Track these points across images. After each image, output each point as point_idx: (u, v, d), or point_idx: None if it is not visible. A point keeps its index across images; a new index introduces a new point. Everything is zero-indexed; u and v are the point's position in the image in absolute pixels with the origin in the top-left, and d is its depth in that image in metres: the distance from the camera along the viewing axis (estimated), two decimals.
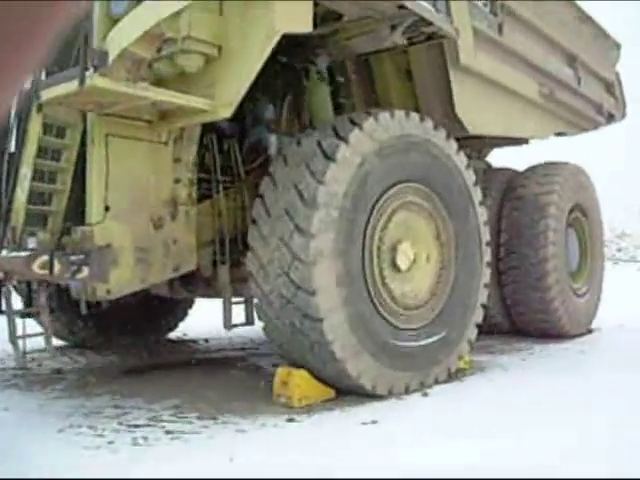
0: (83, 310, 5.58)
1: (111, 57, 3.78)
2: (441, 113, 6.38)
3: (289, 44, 5.84)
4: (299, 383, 4.73)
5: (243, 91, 4.38)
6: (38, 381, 5.84)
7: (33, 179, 4.50)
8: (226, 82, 4.43)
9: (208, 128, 5.59)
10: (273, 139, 6.04)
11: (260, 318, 4.96)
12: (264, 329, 5.00)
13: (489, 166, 9.10)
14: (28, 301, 5.05)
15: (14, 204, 4.47)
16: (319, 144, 4.76)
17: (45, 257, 4.28)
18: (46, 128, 4.46)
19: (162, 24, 3.81)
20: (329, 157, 4.64)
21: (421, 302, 5.40)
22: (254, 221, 4.87)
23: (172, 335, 8.66)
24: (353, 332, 4.67)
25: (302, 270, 4.50)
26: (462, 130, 6.40)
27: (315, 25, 5.41)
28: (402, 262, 5.22)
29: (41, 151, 4.47)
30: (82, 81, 3.81)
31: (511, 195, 8.03)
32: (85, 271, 4.35)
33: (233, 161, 5.78)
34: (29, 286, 5.12)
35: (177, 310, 8.35)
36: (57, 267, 4.29)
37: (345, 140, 4.72)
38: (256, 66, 4.31)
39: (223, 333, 7.49)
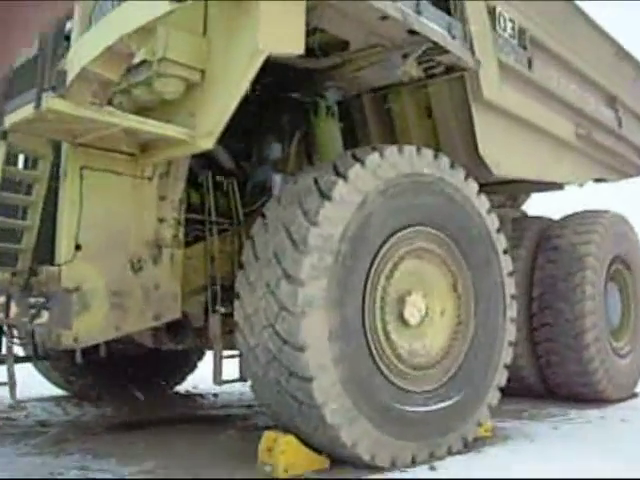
0: (78, 359, 5.16)
1: (70, 77, 3.37)
2: (464, 153, 5.85)
3: (296, 77, 5.44)
4: (285, 450, 4.13)
5: (225, 119, 3.93)
6: (15, 434, 5.37)
7: None
8: (207, 110, 4.00)
9: (203, 164, 5.17)
10: (278, 179, 5.56)
11: (246, 374, 4.42)
12: (251, 387, 4.45)
13: (524, 215, 8.48)
14: None
15: None
16: (315, 181, 4.27)
17: (1, 298, 3.85)
18: (11, 158, 4.07)
19: (131, 42, 3.39)
20: (324, 195, 4.14)
21: (433, 361, 4.79)
22: (242, 266, 4.39)
23: (180, 388, 8.15)
24: (348, 394, 4.08)
25: (289, 321, 3.96)
26: (487, 172, 5.85)
27: (321, 56, 5.00)
28: (411, 316, 4.63)
29: (5, 183, 4.08)
30: (38, 104, 3.41)
31: (546, 245, 7.38)
32: (45, 316, 3.90)
33: (232, 202, 5.33)
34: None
35: (185, 361, 7.85)
36: (14, 310, 3.85)
37: (344, 177, 4.21)
38: (238, 91, 3.86)
39: (236, 387, 6.98)
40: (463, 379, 4.89)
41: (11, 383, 4.31)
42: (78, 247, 4.16)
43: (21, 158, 4.47)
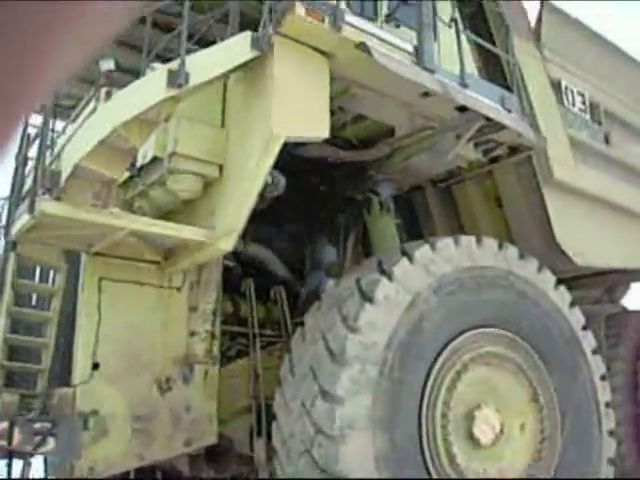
0: None
1: (64, 177, 3.05)
2: (541, 243, 5.18)
3: (347, 174, 5.04)
4: None
5: (244, 216, 3.51)
6: None
7: (11, 330, 3.78)
8: (226, 207, 3.60)
9: (245, 272, 4.77)
10: (332, 285, 5.06)
11: None
12: None
13: (624, 309, 7.55)
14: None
15: None
16: (357, 282, 3.74)
17: (4, 424, 3.44)
18: (22, 270, 3.77)
19: (128, 135, 3.06)
20: (366, 297, 3.59)
21: None
22: (280, 383, 3.84)
23: None
24: None
25: (327, 447, 3.34)
26: (569, 263, 5.14)
27: (368, 147, 4.59)
28: (482, 434, 3.91)
29: (18, 297, 3.76)
30: (31, 209, 3.09)
31: None
32: (51, 443, 3.44)
33: (280, 311, 4.84)
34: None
35: None
36: (17, 437, 3.42)
37: (388, 275, 3.67)
38: (255, 183, 3.45)
39: None
40: None
41: None
42: (96, 366, 3.75)
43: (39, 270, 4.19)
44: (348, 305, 3.62)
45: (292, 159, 4.95)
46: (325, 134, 3.59)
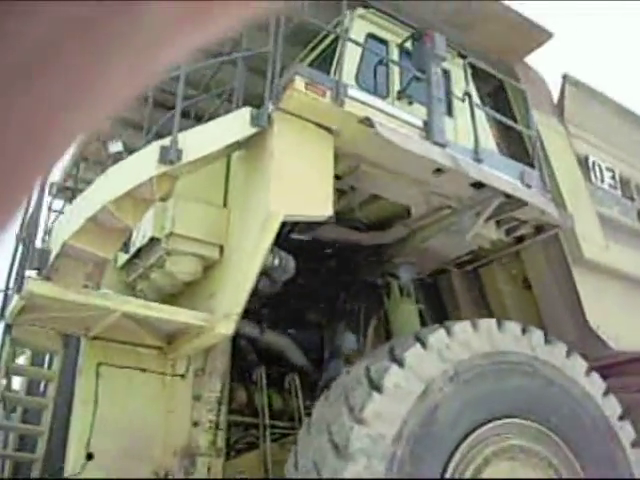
0: None
1: (52, 255, 2.94)
2: (573, 327, 4.87)
3: (366, 259, 4.87)
4: None
5: (242, 299, 3.34)
6: None
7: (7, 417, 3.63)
8: (224, 290, 3.44)
9: (261, 360, 4.58)
10: None
11: None
12: None
13: None
14: None
15: None
16: (367, 369, 3.50)
17: None
18: (16, 354, 3.64)
19: (119, 214, 2.95)
20: (374, 385, 3.34)
21: None
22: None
23: None
24: None
25: None
26: (604, 348, 4.80)
27: (384, 229, 4.43)
28: None
29: (9, 381, 3.62)
30: (19, 288, 2.98)
31: None
32: None
33: (294, 402, 4.60)
34: None
35: None
36: None
37: (399, 362, 3.42)
38: (254, 264, 3.29)
39: None
40: None
41: None
42: (90, 456, 3.55)
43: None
44: (355, 395, 3.37)
45: (308, 243, 4.80)
46: (328, 212, 3.43)
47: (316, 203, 3.41)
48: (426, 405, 3.38)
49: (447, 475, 3.38)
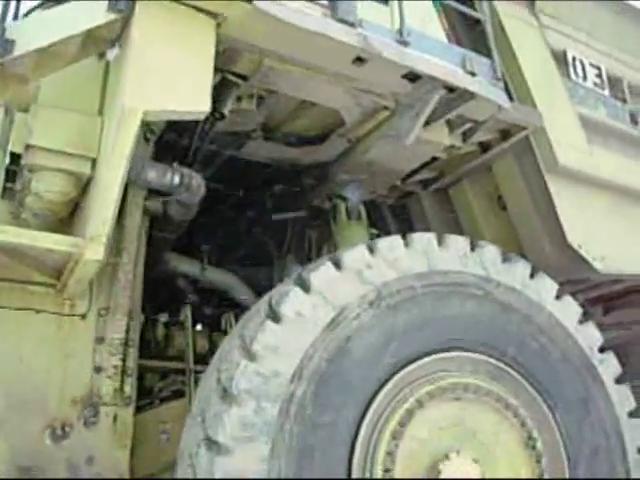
0: None
1: None
2: (554, 248, 4.22)
3: (312, 181, 4.31)
4: None
5: (110, 218, 2.82)
6: None
7: None
8: (93, 209, 2.92)
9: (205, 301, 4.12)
10: None
11: None
12: None
13: None
14: None
15: None
16: (270, 296, 2.96)
17: None
18: None
19: None
20: (271, 314, 2.79)
21: None
22: None
23: None
24: None
25: None
26: (590, 270, 4.14)
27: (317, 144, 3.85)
28: None
29: None
30: None
31: None
32: None
33: None
34: None
35: None
36: None
37: (303, 285, 2.85)
38: (116, 174, 2.75)
39: None
40: None
41: None
42: None
43: None
44: (249, 326, 2.83)
45: (242, 165, 4.27)
46: (205, 108, 2.83)
47: (189, 97, 2.81)
48: (336, 335, 2.81)
49: (366, 421, 2.83)
